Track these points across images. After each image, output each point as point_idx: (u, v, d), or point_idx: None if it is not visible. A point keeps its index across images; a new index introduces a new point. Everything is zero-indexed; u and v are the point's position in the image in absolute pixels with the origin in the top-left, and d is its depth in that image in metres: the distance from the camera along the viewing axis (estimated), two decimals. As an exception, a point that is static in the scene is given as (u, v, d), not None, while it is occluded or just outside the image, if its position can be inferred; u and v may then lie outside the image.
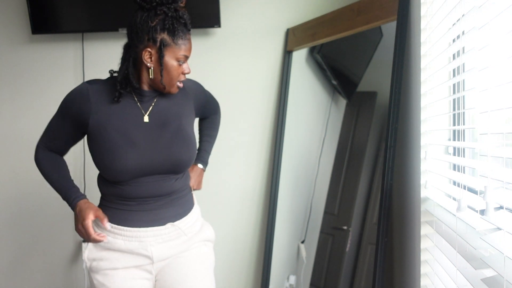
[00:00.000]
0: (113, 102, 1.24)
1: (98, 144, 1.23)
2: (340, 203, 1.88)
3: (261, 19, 2.28)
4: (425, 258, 1.33)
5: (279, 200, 2.23)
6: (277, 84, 2.30)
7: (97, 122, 1.23)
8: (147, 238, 1.24)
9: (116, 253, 1.25)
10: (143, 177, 1.24)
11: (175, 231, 1.29)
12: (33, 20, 2.17)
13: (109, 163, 1.21)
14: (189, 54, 1.24)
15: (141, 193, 1.24)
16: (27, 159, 2.34)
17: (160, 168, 1.25)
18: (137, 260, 1.26)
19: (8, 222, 2.34)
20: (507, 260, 0.82)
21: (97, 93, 1.25)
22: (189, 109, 1.35)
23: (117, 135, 1.22)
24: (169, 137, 1.26)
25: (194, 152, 1.33)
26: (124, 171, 1.21)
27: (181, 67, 1.23)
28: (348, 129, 1.90)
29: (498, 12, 0.91)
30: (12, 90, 2.30)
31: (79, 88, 1.26)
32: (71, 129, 1.29)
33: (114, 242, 1.25)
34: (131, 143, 1.22)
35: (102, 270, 1.25)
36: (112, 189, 1.26)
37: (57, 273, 2.37)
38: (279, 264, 2.21)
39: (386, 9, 1.58)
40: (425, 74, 1.38)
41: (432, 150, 1.36)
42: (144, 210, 1.25)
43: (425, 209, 1.33)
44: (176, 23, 1.18)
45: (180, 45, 1.20)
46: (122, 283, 1.25)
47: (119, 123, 1.23)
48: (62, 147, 1.36)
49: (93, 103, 1.23)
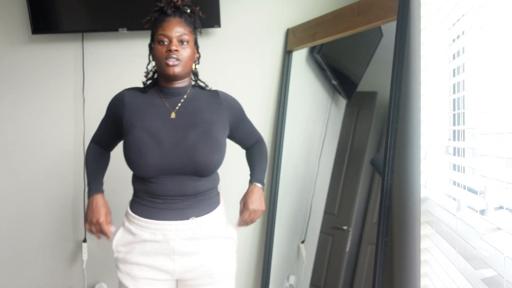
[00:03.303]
0: (145, 103, 1.36)
1: (127, 142, 1.32)
2: (340, 203, 1.88)
3: (261, 19, 2.28)
4: (425, 258, 1.33)
5: (279, 200, 2.23)
6: (277, 84, 2.30)
7: (128, 121, 1.34)
8: (170, 232, 1.31)
9: (141, 247, 1.33)
10: (169, 176, 1.30)
11: (198, 229, 1.33)
12: (33, 20, 2.17)
13: (134, 158, 1.29)
14: (168, 33, 1.29)
15: (166, 191, 1.31)
16: (27, 159, 2.34)
17: (182, 169, 1.30)
18: (160, 257, 1.32)
19: (8, 222, 2.34)
20: (507, 260, 0.82)
21: (132, 96, 1.38)
22: (221, 118, 1.38)
23: (144, 133, 1.30)
24: (195, 139, 1.30)
25: (220, 157, 1.34)
26: (147, 166, 1.28)
27: (164, 46, 1.30)
28: (348, 129, 1.90)
29: (498, 12, 0.91)
30: (12, 90, 2.30)
31: (118, 93, 1.41)
32: (112, 128, 1.42)
33: (141, 234, 1.32)
34: (156, 141, 1.29)
35: (128, 263, 1.35)
36: (141, 186, 1.35)
37: (57, 273, 2.37)
38: (279, 264, 2.21)
39: (386, 9, 1.58)
40: (425, 74, 1.38)
41: (432, 150, 1.36)
42: (169, 208, 1.32)
43: (425, 209, 1.33)
44: (156, 13, 1.33)
45: (158, 28, 1.31)
46: (143, 277, 1.33)
47: (147, 121, 1.32)
48: (107, 143, 1.51)
49: (126, 105, 1.36)
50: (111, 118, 1.41)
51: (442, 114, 1.35)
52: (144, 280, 1.32)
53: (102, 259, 2.36)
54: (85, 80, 2.28)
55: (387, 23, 1.59)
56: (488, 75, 0.95)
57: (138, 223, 1.33)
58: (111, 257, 2.36)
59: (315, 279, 1.96)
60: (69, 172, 2.32)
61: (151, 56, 1.37)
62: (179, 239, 1.31)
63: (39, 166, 2.32)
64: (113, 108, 1.40)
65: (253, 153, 1.57)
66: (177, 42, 1.29)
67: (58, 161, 2.32)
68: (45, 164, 2.32)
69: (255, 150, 1.57)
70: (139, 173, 1.31)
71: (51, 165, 2.32)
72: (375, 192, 1.67)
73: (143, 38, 2.27)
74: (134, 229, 1.34)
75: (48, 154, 2.32)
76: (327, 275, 1.90)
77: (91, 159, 1.50)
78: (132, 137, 1.30)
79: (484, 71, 0.98)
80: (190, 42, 1.33)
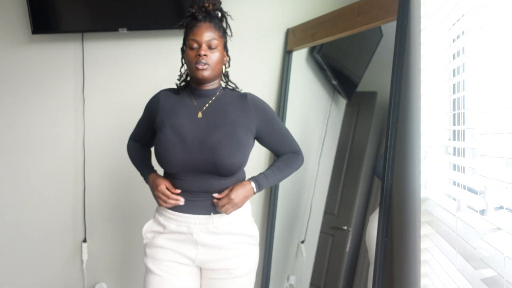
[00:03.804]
0: (176, 103, 1.45)
1: (157, 138, 1.41)
2: (340, 203, 1.88)
3: (261, 19, 2.28)
4: (425, 258, 1.33)
5: (279, 200, 2.23)
6: (277, 84, 2.30)
7: (160, 120, 1.43)
8: (194, 225, 1.39)
9: (167, 235, 1.42)
10: (193, 174, 1.38)
11: (219, 225, 1.40)
12: (33, 20, 2.17)
13: (161, 154, 1.38)
14: (198, 38, 1.36)
15: (191, 187, 1.39)
16: (27, 158, 2.34)
17: (204, 167, 1.36)
18: (184, 245, 1.41)
19: (8, 222, 2.34)
20: (507, 260, 0.82)
21: (167, 97, 1.47)
22: (247, 122, 1.42)
23: (172, 131, 1.39)
24: (218, 139, 1.36)
25: (242, 159, 1.38)
26: (171, 162, 1.37)
27: (194, 50, 1.37)
28: (348, 129, 1.90)
29: (498, 12, 0.91)
30: (12, 90, 2.30)
31: (156, 94, 1.51)
32: (149, 126, 1.52)
33: (168, 225, 1.42)
34: (182, 138, 1.37)
35: (154, 247, 1.43)
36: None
37: (57, 273, 2.37)
38: (279, 264, 2.21)
39: (386, 9, 1.58)
40: (425, 74, 1.38)
41: (432, 150, 1.36)
42: (193, 203, 1.40)
43: (425, 209, 1.33)
44: (188, 19, 1.40)
45: (189, 33, 1.39)
46: (166, 259, 1.42)
47: (176, 120, 1.41)
48: (144, 140, 1.61)
49: (161, 105, 1.46)
50: (148, 116, 1.50)
51: (442, 114, 1.35)
52: (167, 262, 1.41)
53: (102, 259, 2.36)
54: (85, 80, 2.29)
55: (387, 23, 1.59)
56: (488, 75, 0.95)
57: (166, 215, 1.43)
58: (111, 257, 2.37)
59: (315, 279, 1.96)
60: (69, 172, 2.32)
61: (183, 59, 1.47)
62: (201, 232, 1.39)
63: (39, 166, 2.32)
64: (150, 107, 1.50)
65: (280, 159, 1.54)
66: (206, 47, 1.36)
67: (58, 161, 2.32)
68: (45, 164, 2.32)
69: (283, 157, 1.54)
70: (166, 169, 1.41)
71: (51, 165, 2.32)
72: (375, 192, 1.67)
73: (143, 38, 2.27)
74: (162, 220, 1.44)
75: (48, 154, 2.32)
76: (327, 275, 1.90)
77: (134, 153, 1.62)
78: (161, 134, 1.39)
79: (484, 71, 0.98)
80: (219, 46, 1.40)
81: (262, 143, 1.51)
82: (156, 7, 2.16)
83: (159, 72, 2.26)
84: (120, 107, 2.28)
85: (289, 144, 1.55)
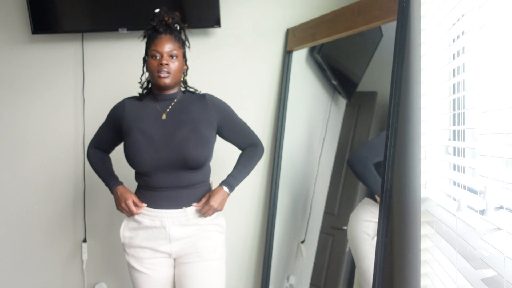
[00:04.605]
0: (141, 108, 1.56)
1: (126, 142, 1.52)
2: (340, 203, 1.88)
3: (261, 19, 2.28)
4: (425, 258, 1.33)
5: (279, 200, 2.23)
6: (277, 84, 2.30)
7: (127, 125, 1.54)
8: (166, 219, 1.51)
9: (143, 232, 1.54)
10: (163, 170, 1.49)
11: (189, 217, 1.52)
12: (33, 20, 2.17)
13: (132, 156, 1.49)
14: (160, 49, 1.48)
15: (162, 183, 1.51)
16: (27, 159, 2.34)
17: (173, 163, 1.48)
18: (159, 241, 1.52)
19: (8, 222, 2.34)
20: (507, 260, 0.82)
21: (131, 104, 1.59)
22: (208, 118, 1.55)
23: (139, 134, 1.50)
24: (184, 136, 1.49)
25: (207, 152, 1.52)
26: (143, 162, 1.48)
27: (156, 60, 1.49)
28: (348, 129, 1.90)
29: (498, 12, 0.91)
30: (12, 90, 2.30)
31: (120, 102, 1.62)
32: (112, 132, 1.64)
33: (143, 220, 1.54)
34: (150, 139, 1.49)
35: (133, 247, 1.55)
36: (141, 181, 1.56)
37: (57, 273, 2.37)
38: (279, 264, 2.21)
39: (386, 9, 1.58)
40: (425, 74, 1.38)
41: (432, 150, 1.36)
42: (165, 198, 1.52)
43: (425, 209, 1.33)
44: (150, 31, 1.52)
45: (151, 44, 1.50)
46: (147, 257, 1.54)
47: (143, 123, 1.52)
48: (106, 147, 1.70)
49: (126, 112, 1.57)
50: (113, 123, 1.61)
51: (442, 114, 1.35)
52: (147, 260, 1.54)
53: (102, 259, 2.36)
54: (85, 80, 2.29)
55: (387, 23, 1.59)
56: (488, 75, 0.95)
57: (144, 210, 1.54)
58: (111, 257, 2.37)
59: (315, 279, 1.96)
60: (69, 172, 2.32)
61: (145, 68, 1.58)
62: (174, 226, 1.51)
63: (39, 166, 2.32)
64: (115, 114, 1.60)
65: (242, 156, 1.69)
66: (167, 57, 1.48)
67: (58, 161, 2.32)
68: (45, 164, 2.32)
69: (245, 153, 1.69)
70: (137, 169, 1.52)
71: (51, 165, 2.32)
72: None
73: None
74: (137, 217, 1.55)
75: (48, 154, 2.32)
76: (327, 275, 1.90)
77: (97, 161, 1.68)
78: (130, 138, 1.50)
79: (484, 71, 0.98)
80: (179, 57, 1.52)
81: (224, 137, 1.65)
82: (156, 7, 2.16)
83: (159, 72, 2.26)
84: (120, 107, 2.28)
85: (248, 136, 1.69)
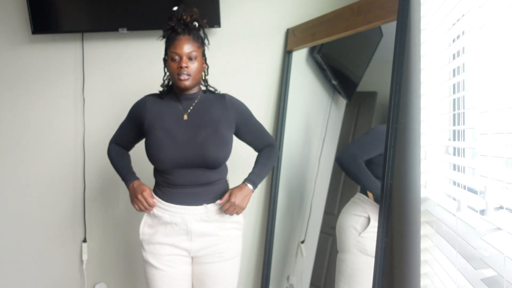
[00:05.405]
0: (162, 106, 1.58)
1: (148, 140, 1.55)
2: (340, 203, 1.88)
3: (261, 19, 2.28)
4: (425, 258, 1.33)
5: (279, 200, 2.23)
6: (277, 84, 2.30)
7: (149, 123, 1.56)
8: (187, 216, 1.53)
9: (163, 228, 1.55)
10: (183, 168, 1.52)
11: (211, 214, 1.55)
12: (33, 20, 2.17)
13: (154, 153, 1.52)
14: (179, 51, 1.49)
15: (181, 181, 1.53)
16: (27, 158, 2.34)
17: (194, 162, 1.51)
18: (180, 237, 1.54)
19: (8, 222, 2.34)
20: (507, 260, 0.82)
21: (152, 101, 1.61)
22: (227, 119, 1.59)
23: (162, 132, 1.53)
24: (205, 137, 1.52)
25: (226, 152, 1.55)
26: (165, 160, 1.51)
27: (176, 62, 1.50)
28: (348, 129, 1.90)
29: (498, 12, 0.91)
30: (12, 90, 2.30)
31: (141, 99, 1.64)
32: (133, 129, 1.65)
33: (163, 216, 1.55)
34: (172, 139, 1.52)
35: (152, 243, 1.56)
36: (161, 178, 1.57)
37: (57, 273, 2.37)
38: (279, 264, 2.21)
39: (386, 9, 1.58)
40: (425, 74, 1.38)
41: (432, 150, 1.36)
42: (185, 195, 1.54)
43: (425, 209, 1.33)
44: (168, 32, 1.52)
45: (170, 46, 1.51)
46: (165, 254, 1.55)
47: (165, 122, 1.55)
48: (127, 143, 1.73)
49: (148, 109, 1.59)
50: (135, 120, 1.63)
51: (442, 114, 1.35)
52: (166, 256, 1.55)
53: (102, 259, 2.36)
54: (85, 80, 2.29)
55: (387, 23, 1.59)
56: (488, 75, 0.95)
57: (161, 206, 1.56)
58: (111, 257, 2.37)
59: (315, 279, 1.97)
60: (69, 172, 2.32)
61: (165, 68, 1.60)
62: (194, 221, 1.54)
63: (39, 166, 2.32)
64: (137, 111, 1.62)
65: (260, 155, 1.72)
66: (186, 59, 1.49)
67: (58, 161, 2.32)
68: (45, 164, 2.32)
69: (263, 153, 1.72)
70: (159, 166, 1.54)
71: (51, 165, 2.32)
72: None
73: (143, 38, 2.27)
74: (156, 212, 1.56)
75: (48, 154, 2.32)
76: (327, 275, 1.90)
77: (117, 156, 1.71)
78: (153, 135, 1.53)
79: (484, 71, 0.98)
80: (199, 57, 1.52)
81: (241, 137, 1.68)
82: (156, 7, 2.16)
83: (159, 72, 2.25)
84: (120, 107, 2.27)
85: (265, 137, 1.73)
